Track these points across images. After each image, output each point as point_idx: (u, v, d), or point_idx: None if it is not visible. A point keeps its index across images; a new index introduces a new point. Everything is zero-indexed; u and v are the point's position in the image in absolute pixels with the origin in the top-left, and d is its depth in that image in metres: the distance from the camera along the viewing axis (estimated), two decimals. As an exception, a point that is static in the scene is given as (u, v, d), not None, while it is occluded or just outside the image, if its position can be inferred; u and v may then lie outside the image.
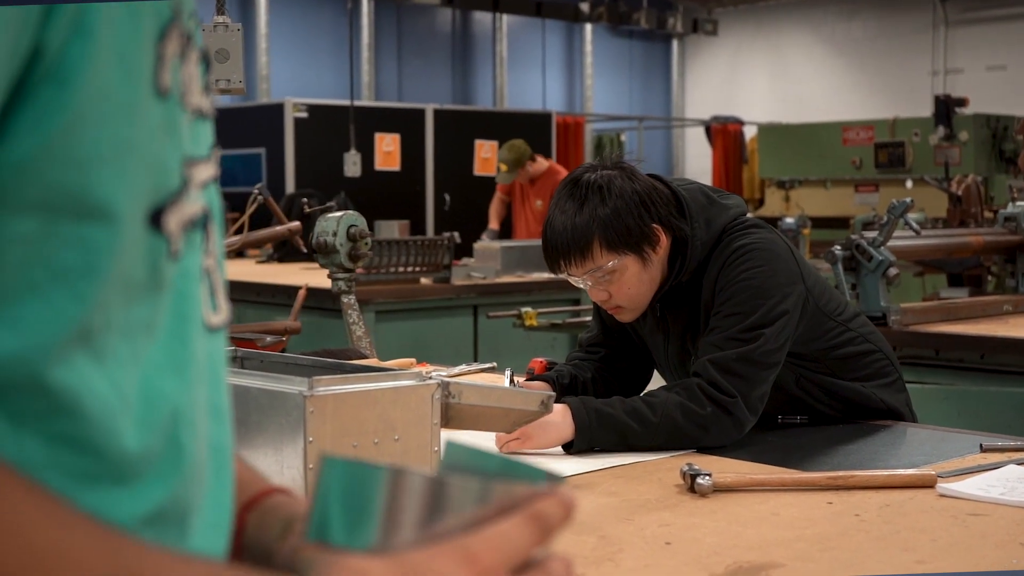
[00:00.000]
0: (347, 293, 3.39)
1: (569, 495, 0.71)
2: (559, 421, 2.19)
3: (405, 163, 10.77)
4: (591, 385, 2.55)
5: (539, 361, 2.76)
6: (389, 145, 10.67)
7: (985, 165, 10.68)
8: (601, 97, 18.54)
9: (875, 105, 16.28)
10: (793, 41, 18.72)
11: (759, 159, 13.16)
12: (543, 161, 8.30)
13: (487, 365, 3.10)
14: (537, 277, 6.52)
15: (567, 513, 0.71)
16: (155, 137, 0.67)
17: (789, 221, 7.54)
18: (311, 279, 4.58)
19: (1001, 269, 5.16)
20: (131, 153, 0.65)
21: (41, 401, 0.63)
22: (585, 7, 16.12)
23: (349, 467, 0.69)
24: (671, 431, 2.21)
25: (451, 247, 5.99)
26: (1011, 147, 10.95)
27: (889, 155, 11.19)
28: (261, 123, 10.35)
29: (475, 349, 6.01)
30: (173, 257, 0.69)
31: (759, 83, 19.04)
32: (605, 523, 1.72)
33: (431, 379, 1.80)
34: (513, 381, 2.45)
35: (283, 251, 7.45)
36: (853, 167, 11.61)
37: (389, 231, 7.82)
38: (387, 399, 1.71)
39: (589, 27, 17.97)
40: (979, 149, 10.75)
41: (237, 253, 5.54)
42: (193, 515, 0.72)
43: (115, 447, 0.66)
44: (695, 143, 18.65)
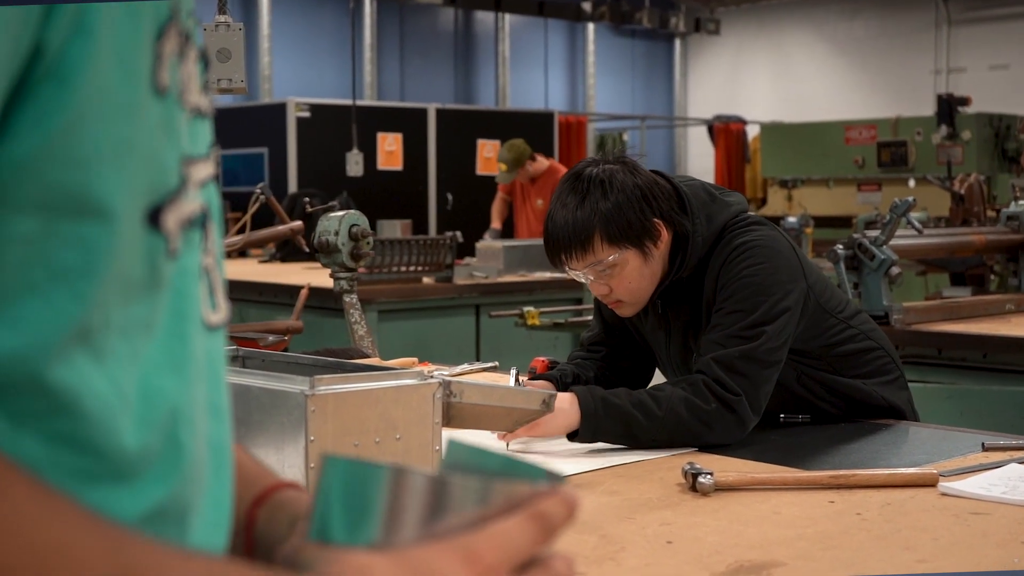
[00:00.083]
0: (349, 292, 3.39)
1: (572, 495, 0.71)
2: (567, 408, 2.20)
3: (407, 163, 10.78)
4: (593, 384, 2.55)
5: (541, 360, 2.76)
6: (391, 144, 10.68)
7: (988, 164, 10.68)
8: (603, 96, 18.54)
9: (878, 104, 16.28)
10: (796, 40, 18.71)
11: (762, 158, 13.16)
12: (543, 160, 8.29)
13: (489, 364, 3.10)
14: (539, 276, 6.52)
15: (570, 513, 0.70)
16: (153, 136, 0.67)
17: (792, 220, 7.54)
18: (313, 279, 4.59)
19: (1004, 268, 5.15)
20: (130, 152, 0.65)
21: (41, 400, 0.63)
22: (587, 6, 16.12)
23: (350, 467, 0.69)
24: (675, 425, 2.21)
25: (453, 246, 5.99)
26: (1014, 146, 10.96)
27: (892, 154, 11.19)
28: (263, 123, 10.36)
29: (477, 348, 6.01)
30: (171, 256, 0.69)
31: (761, 82, 19.04)
32: (606, 522, 1.72)
33: (432, 378, 1.80)
34: (518, 381, 2.44)
35: (285, 251, 7.45)
36: (856, 166, 11.61)
37: (391, 230, 7.82)
38: (388, 398, 1.71)
39: (591, 26, 17.98)
40: (982, 148, 10.75)
41: (239, 252, 5.55)
42: (192, 513, 0.72)
43: (114, 446, 0.66)
44: (698, 142, 18.66)
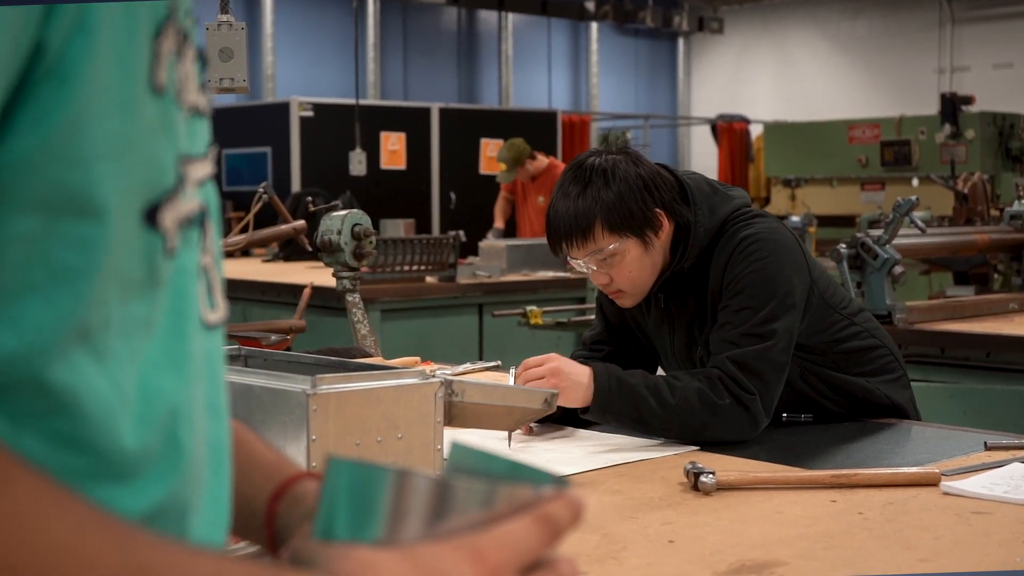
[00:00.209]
0: (351, 292, 3.39)
1: (578, 498, 0.71)
2: (584, 383, 2.25)
3: (411, 162, 10.78)
4: None
5: (543, 360, 2.75)
6: (395, 144, 10.69)
7: (991, 163, 10.67)
8: (607, 96, 18.54)
9: (881, 103, 16.27)
10: (799, 39, 18.70)
11: (765, 157, 13.15)
12: (543, 158, 8.29)
13: (491, 364, 3.10)
14: (542, 276, 6.52)
15: (576, 516, 0.71)
16: (151, 135, 0.67)
17: (795, 219, 7.55)
18: (316, 278, 4.59)
19: (1007, 267, 5.15)
20: (128, 151, 0.65)
21: (41, 400, 0.63)
22: (591, 6, 16.12)
23: (355, 469, 0.69)
24: (687, 415, 2.22)
25: (456, 246, 5.99)
26: (1017, 145, 10.95)
27: (895, 153, 11.18)
28: (267, 122, 10.36)
29: (480, 348, 6.01)
30: (169, 254, 0.69)
31: (765, 81, 19.03)
32: (608, 521, 1.72)
33: (434, 377, 1.80)
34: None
35: (288, 250, 7.46)
36: (859, 165, 11.60)
37: (394, 230, 7.82)
38: (390, 397, 1.71)
39: (595, 26, 17.97)
40: (985, 147, 10.74)
41: (243, 252, 5.55)
42: (192, 512, 0.72)
43: (114, 446, 0.66)
44: (701, 141, 18.65)
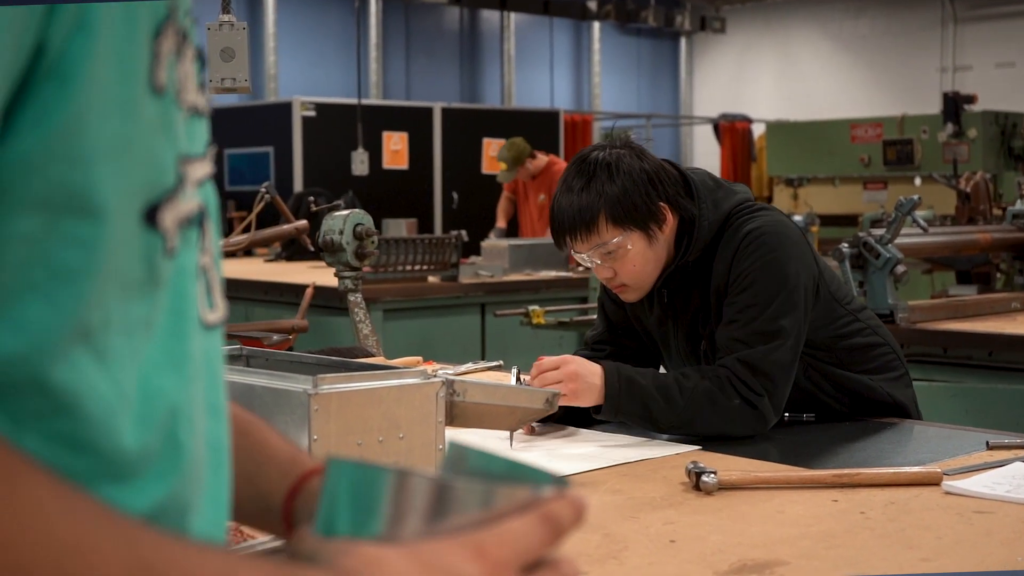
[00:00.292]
0: (353, 292, 3.39)
1: (581, 498, 0.71)
2: (597, 384, 2.26)
3: (413, 161, 10.78)
4: None
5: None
6: (397, 144, 10.69)
7: (994, 162, 10.66)
8: (609, 95, 18.53)
9: (883, 102, 16.25)
10: (801, 38, 18.69)
11: (767, 157, 13.15)
12: (543, 157, 8.29)
13: (494, 363, 3.10)
14: (545, 275, 6.52)
15: (579, 516, 0.71)
16: (151, 135, 0.67)
17: (797, 219, 7.55)
18: (319, 278, 4.59)
19: (1009, 266, 5.14)
20: (127, 150, 0.65)
21: (41, 401, 0.63)
22: (593, 5, 16.11)
23: (356, 470, 0.69)
24: (695, 415, 2.25)
25: (459, 245, 5.99)
26: (1020, 144, 10.94)
27: (897, 152, 11.17)
28: (269, 122, 10.37)
29: (483, 347, 6.01)
30: (169, 254, 0.69)
31: (767, 81, 19.02)
32: (609, 521, 1.72)
33: (436, 377, 1.80)
34: (520, 379, 2.44)
35: (291, 250, 7.46)
36: (861, 164, 11.59)
37: (397, 229, 7.83)
38: (391, 397, 1.71)
39: (597, 25, 17.96)
40: (988, 146, 10.73)
41: (245, 251, 5.55)
42: (192, 512, 0.73)
43: (114, 446, 0.66)
44: (703, 141, 18.64)
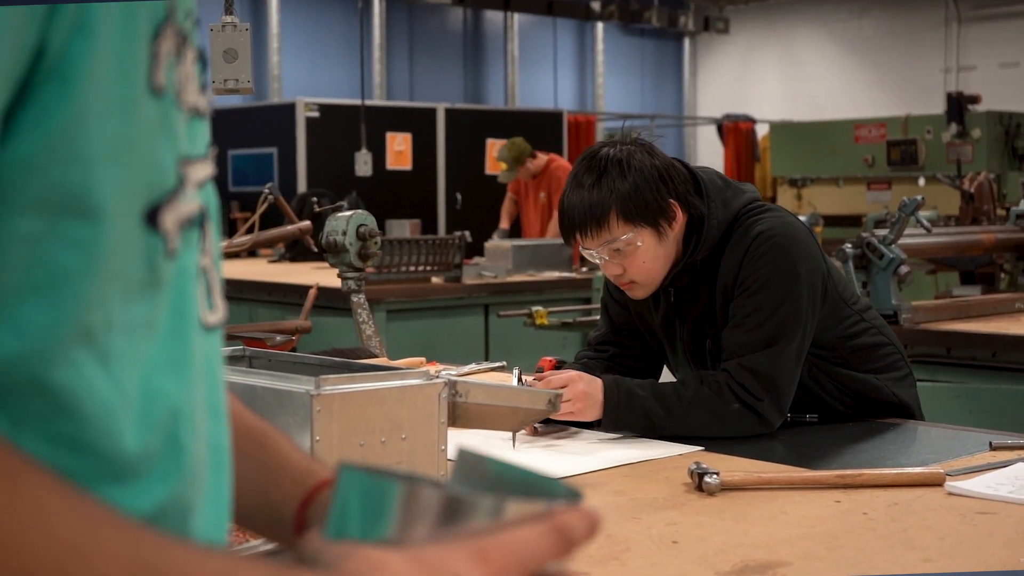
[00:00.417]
0: (357, 292, 3.39)
1: (595, 512, 0.70)
2: (599, 399, 2.28)
3: (416, 162, 10.79)
4: None
5: (548, 360, 2.75)
6: (400, 144, 10.69)
7: (998, 162, 10.64)
8: (613, 96, 18.52)
9: (887, 103, 16.24)
10: (805, 39, 18.68)
11: (771, 157, 13.13)
12: (543, 156, 8.29)
13: (497, 364, 3.09)
14: (548, 276, 6.52)
15: (592, 530, 0.69)
16: (150, 136, 0.67)
17: (801, 219, 7.53)
18: (322, 278, 4.59)
19: (1013, 267, 5.14)
20: (127, 151, 0.65)
21: (42, 402, 0.63)
22: (596, 6, 16.11)
23: (368, 479, 0.69)
24: (695, 423, 2.27)
25: (462, 246, 5.99)
26: (1024, 144, 10.92)
27: (901, 153, 11.16)
28: (273, 123, 10.37)
29: (486, 348, 6.01)
30: (170, 256, 0.69)
31: (771, 81, 19.00)
32: (612, 522, 1.72)
33: (438, 378, 1.80)
34: (521, 380, 2.44)
35: (294, 250, 7.46)
36: (865, 165, 11.58)
37: (400, 230, 7.83)
38: (394, 398, 1.71)
39: (600, 25, 17.95)
40: (992, 146, 10.72)
41: (248, 252, 5.55)
42: (193, 513, 0.73)
43: (115, 447, 0.66)
44: (707, 141, 18.62)
